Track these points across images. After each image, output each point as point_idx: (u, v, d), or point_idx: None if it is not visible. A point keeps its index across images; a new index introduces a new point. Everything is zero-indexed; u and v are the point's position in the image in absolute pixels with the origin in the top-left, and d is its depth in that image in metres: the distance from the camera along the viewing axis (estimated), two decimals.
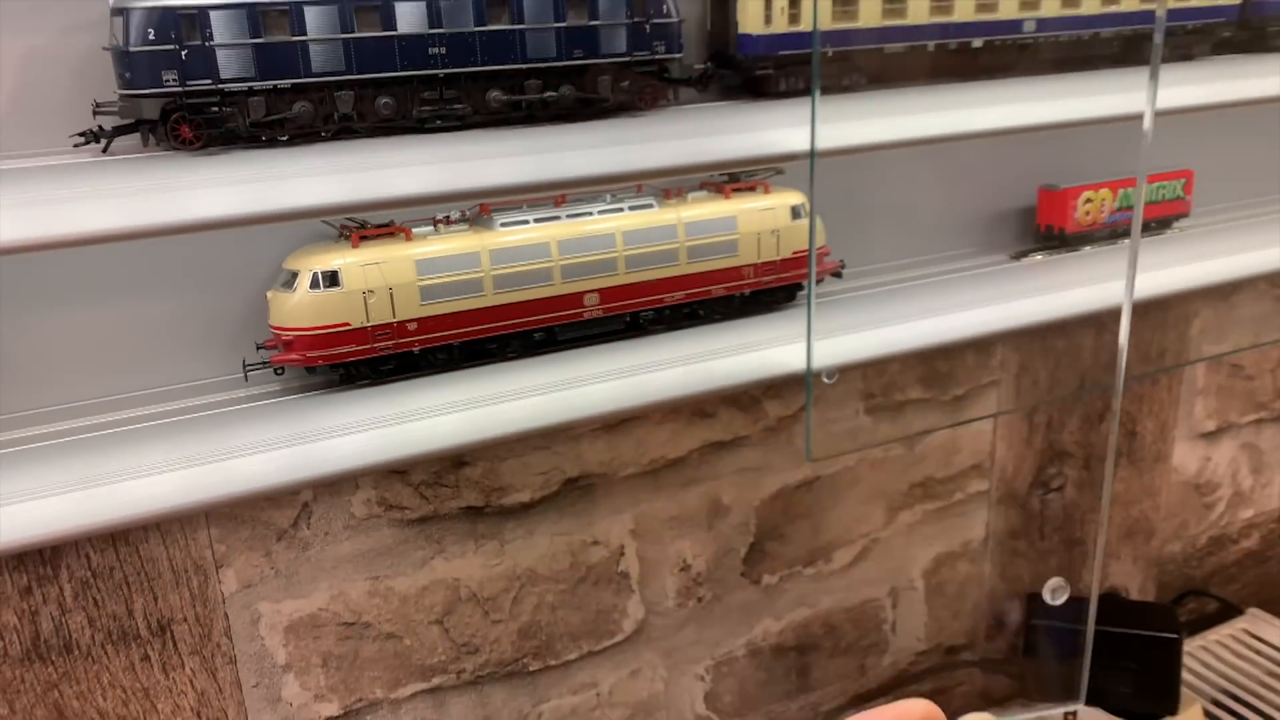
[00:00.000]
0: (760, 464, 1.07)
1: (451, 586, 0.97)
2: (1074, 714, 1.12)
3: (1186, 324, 1.30)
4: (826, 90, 0.84)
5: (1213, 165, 1.11)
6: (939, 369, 1.13)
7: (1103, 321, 1.17)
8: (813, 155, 0.77)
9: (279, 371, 0.75)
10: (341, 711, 0.95)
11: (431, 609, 0.96)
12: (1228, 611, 1.47)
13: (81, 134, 0.67)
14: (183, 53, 0.64)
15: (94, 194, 0.64)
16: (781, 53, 0.82)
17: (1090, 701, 1.12)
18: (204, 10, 0.64)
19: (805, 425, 1.03)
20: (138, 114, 0.65)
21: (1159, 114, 0.97)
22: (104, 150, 0.68)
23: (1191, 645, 1.39)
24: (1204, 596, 1.49)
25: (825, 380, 0.86)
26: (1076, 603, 1.21)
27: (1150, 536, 1.40)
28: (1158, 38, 0.78)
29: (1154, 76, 0.79)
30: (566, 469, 0.99)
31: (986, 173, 1.04)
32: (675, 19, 0.78)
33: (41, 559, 0.80)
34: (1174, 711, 1.11)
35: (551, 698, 1.05)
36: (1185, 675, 1.31)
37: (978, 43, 0.88)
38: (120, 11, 0.64)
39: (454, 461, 0.93)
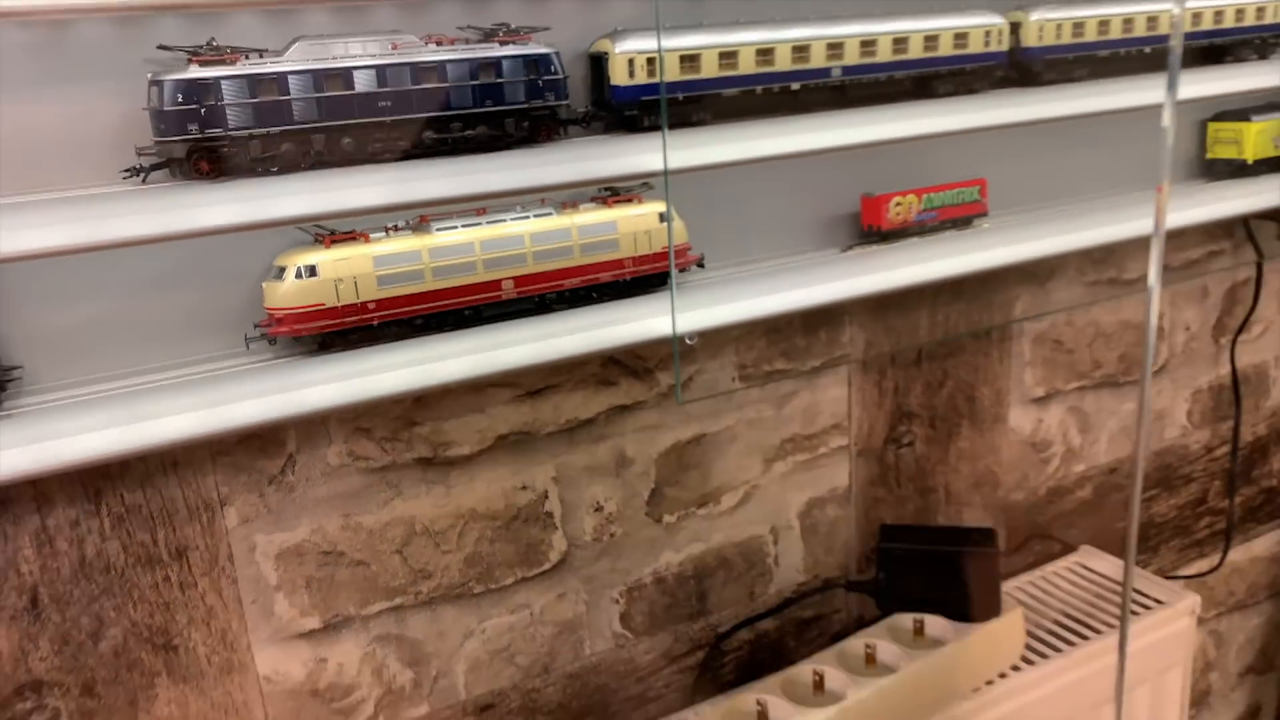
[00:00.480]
0: (656, 423, 1.34)
1: (408, 523, 1.22)
2: (921, 621, 1.39)
3: (1010, 305, 1.60)
4: (678, 125, 1.13)
5: (1001, 175, 1.41)
6: (798, 344, 1.41)
7: (921, 294, 1.47)
8: (665, 173, 1.05)
9: (272, 342, 1.01)
10: (321, 625, 1.19)
11: (393, 541, 1.21)
12: (1068, 551, 1.76)
13: (128, 169, 0.93)
14: (201, 110, 0.91)
15: (134, 211, 0.90)
16: (643, 98, 1.10)
17: (929, 610, 1.39)
18: (216, 80, 0.91)
19: (675, 377, 1.30)
20: (169, 154, 0.91)
21: (952, 133, 1.28)
22: (143, 181, 0.94)
23: (1032, 576, 1.67)
24: (1048, 539, 1.77)
25: (688, 341, 1.14)
26: (920, 530, 1.50)
27: (996, 487, 1.69)
28: (1174, 50, 0.86)
29: (1171, 88, 0.87)
30: (498, 428, 1.25)
31: (819, 186, 1.32)
32: (561, 75, 1.06)
33: (86, 496, 1.05)
34: (998, 614, 1.39)
35: (493, 616, 1.29)
36: (1026, 598, 1.60)
37: (795, 86, 1.18)
38: (156, 82, 0.91)
39: (407, 421, 1.19)
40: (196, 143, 0.91)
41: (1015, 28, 1.33)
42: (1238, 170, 1.61)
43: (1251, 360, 1.94)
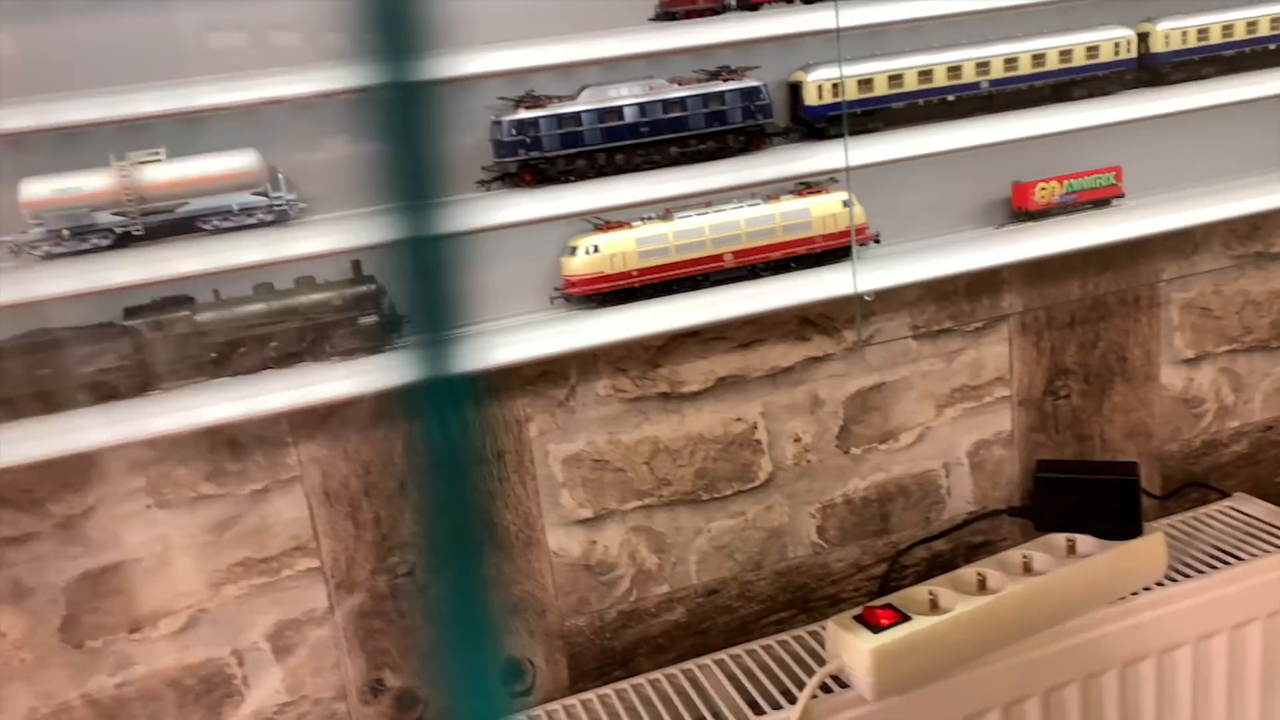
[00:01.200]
0: (843, 372, 1.69)
1: (654, 442, 1.62)
2: (1073, 540, 1.66)
3: (1156, 276, 1.83)
4: (857, 133, 1.48)
5: (1136, 165, 1.67)
6: (963, 308, 1.72)
7: (1072, 266, 1.73)
8: (847, 169, 1.41)
9: (567, 300, 1.44)
10: (592, 515, 1.61)
11: (642, 455, 1.62)
12: (1223, 498, 1.95)
13: (479, 182, 1.39)
14: (527, 140, 1.35)
15: (485, 209, 1.35)
16: (829, 114, 1.46)
17: (1080, 531, 1.65)
18: (536, 119, 1.35)
19: (856, 329, 1.64)
20: (504, 170, 1.36)
21: (1087, 129, 1.56)
22: (487, 189, 1.39)
23: (1185, 516, 1.89)
24: (1204, 487, 1.97)
25: (866, 298, 1.48)
26: (1073, 463, 1.76)
27: (1150, 438, 1.91)
28: None
29: None
30: (719, 371, 1.63)
31: (974, 177, 1.64)
32: (767, 101, 1.44)
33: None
34: (1139, 534, 1.63)
35: (716, 519, 1.67)
36: (1177, 534, 1.81)
37: (951, 97, 1.50)
38: (498, 121, 1.36)
39: (652, 364, 1.59)
40: (524, 163, 1.35)
41: (1144, 37, 1.60)
42: None
43: None
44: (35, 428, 1.23)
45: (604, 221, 1.43)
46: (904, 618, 1.39)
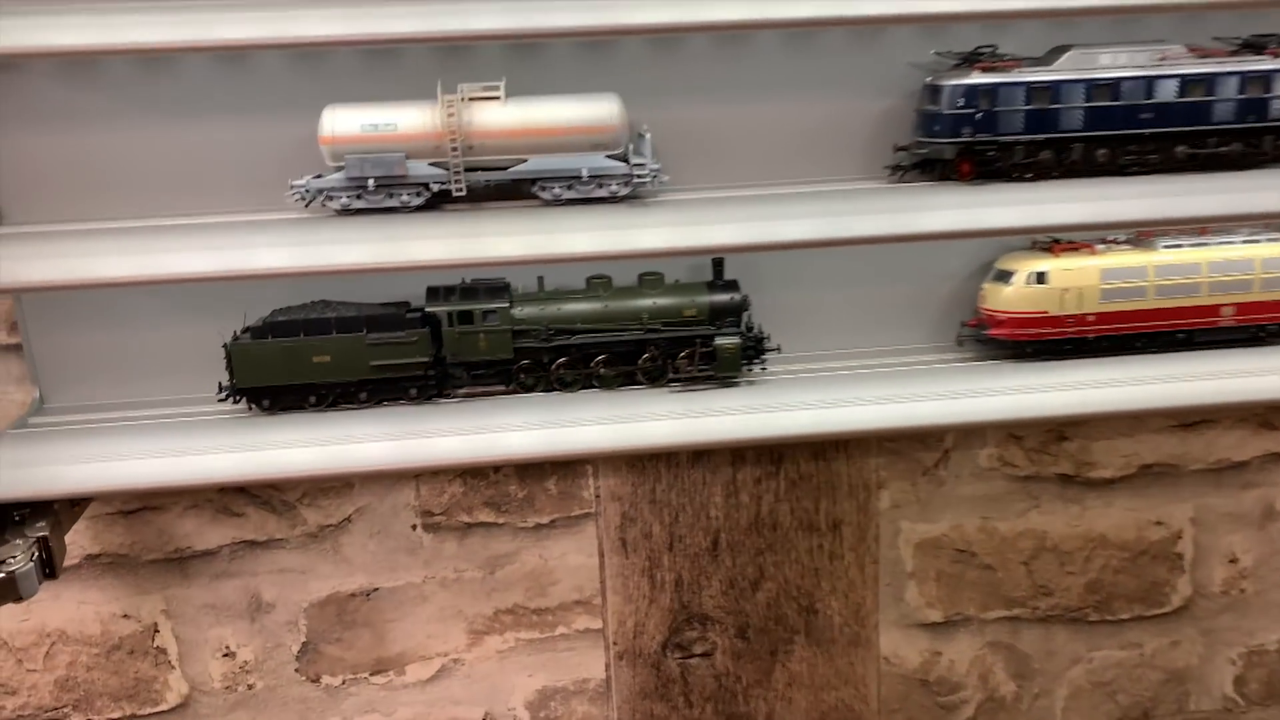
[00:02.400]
0: None
1: (1039, 537, 1.21)
2: None
3: None
4: None
5: None
6: None
7: None
8: None
9: (982, 343, 1.04)
10: (943, 619, 1.22)
11: (1021, 551, 1.21)
12: None
13: (889, 166, 1.00)
14: (977, 115, 0.95)
15: (876, 210, 0.96)
16: None
17: None
18: (995, 86, 0.94)
19: None
20: (936, 155, 0.97)
21: None
22: (900, 178, 1.01)
23: None
24: None
25: None
26: None
27: None
28: None
29: None
30: (1145, 456, 1.19)
31: None
32: None
33: (771, 460, 1.15)
34: None
35: (1103, 647, 1.25)
36: None
37: None
38: (935, 86, 0.96)
39: (1057, 434, 1.17)
40: (966, 146, 0.95)
41: None
42: None
43: None
44: (299, 423, 0.96)
45: (1054, 241, 1.02)
46: None
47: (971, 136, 0.96)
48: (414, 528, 1.13)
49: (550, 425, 0.96)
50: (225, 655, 1.14)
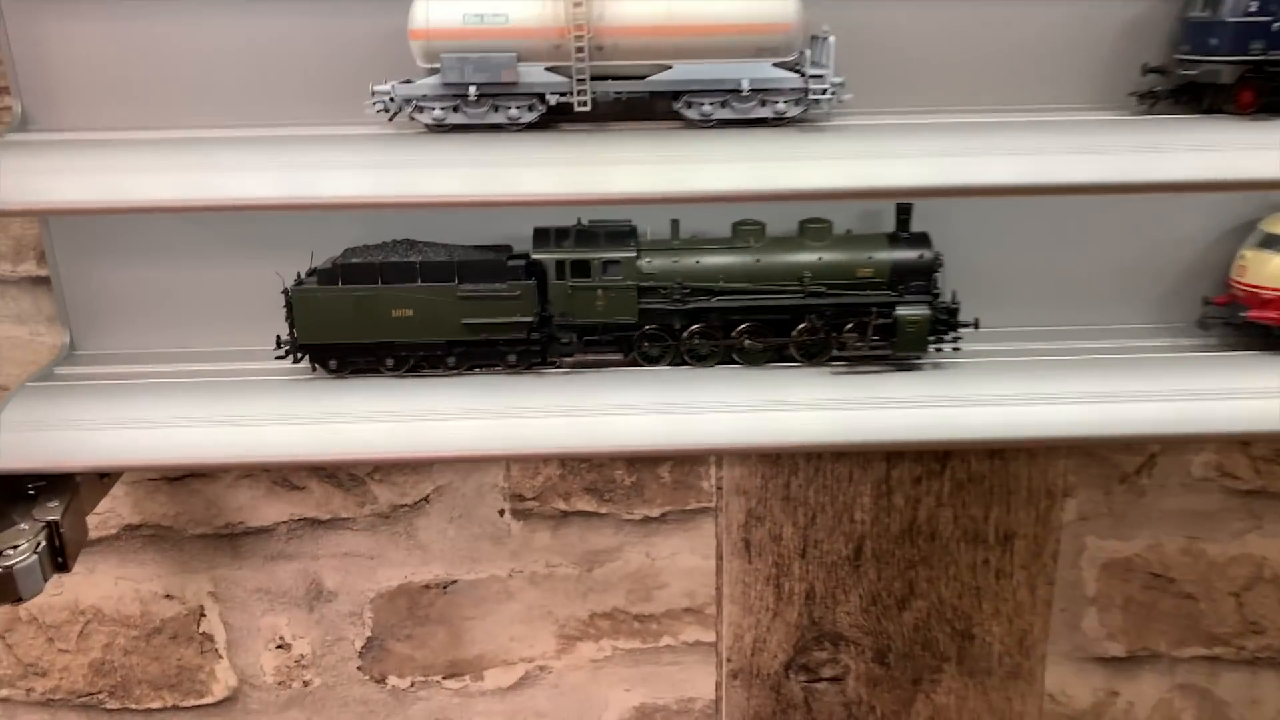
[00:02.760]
0: None
1: (1257, 564, 0.98)
2: None
3: None
4: None
5: None
6: None
7: None
8: None
9: (1233, 327, 0.81)
10: (1125, 654, 1.01)
11: (1233, 581, 0.99)
12: None
13: (1135, 93, 0.77)
14: (1275, 25, 0.71)
15: (1116, 149, 0.73)
16: None
17: None
18: None
19: None
20: (1211, 78, 0.73)
21: None
22: (1150, 109, 0.77)
23: None
24: None
25: None
26: None
27: None
28: None
29: None
30: None
31: None
32: None
33: (935, 457, 0.94)
34: None
35: None
36: None
37: None
38: None
39: None
40: (1255, 67, 0.71)
41: None
42: None
43: None
44: (372, 391, 0.78)
45: None
46: None
47: (1263, 54, 0.72)
48: (501, 513, 0.95)
49: (675, 409, 0.76)
50: (279, 647, 0.98)
